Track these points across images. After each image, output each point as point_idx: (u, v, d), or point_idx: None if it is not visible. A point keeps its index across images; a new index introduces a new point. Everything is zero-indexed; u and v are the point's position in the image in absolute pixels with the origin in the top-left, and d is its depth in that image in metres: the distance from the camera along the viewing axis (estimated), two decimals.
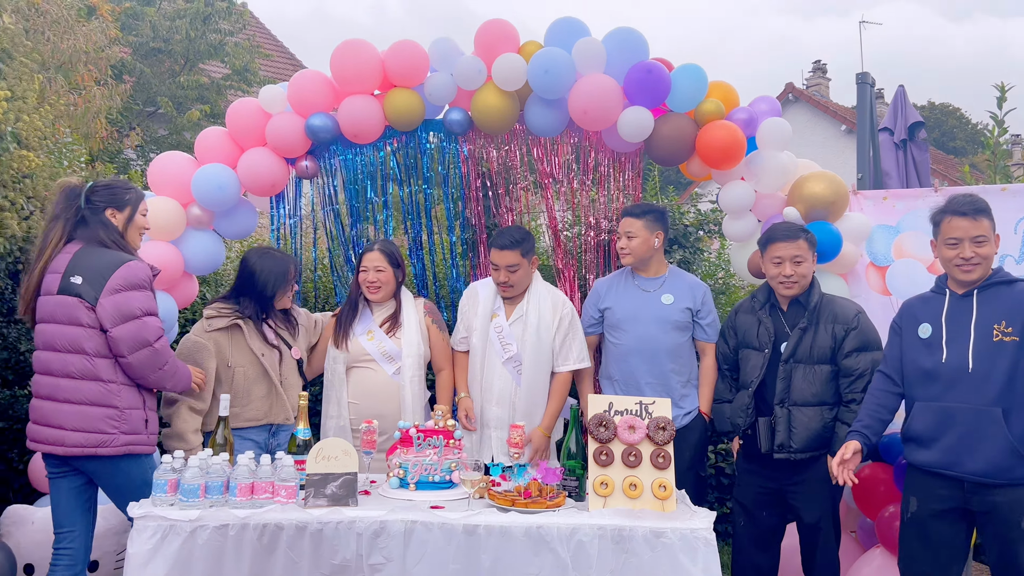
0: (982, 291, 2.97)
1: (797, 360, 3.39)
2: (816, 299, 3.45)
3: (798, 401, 3.36)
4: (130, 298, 2.99)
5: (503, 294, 3.72)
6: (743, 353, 3.54)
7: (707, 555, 2.68)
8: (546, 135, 4.19)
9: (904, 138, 5.33)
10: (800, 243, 3.40)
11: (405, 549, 2.69)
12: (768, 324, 3.48)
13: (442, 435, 3.11)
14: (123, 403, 3.02)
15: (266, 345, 3.54)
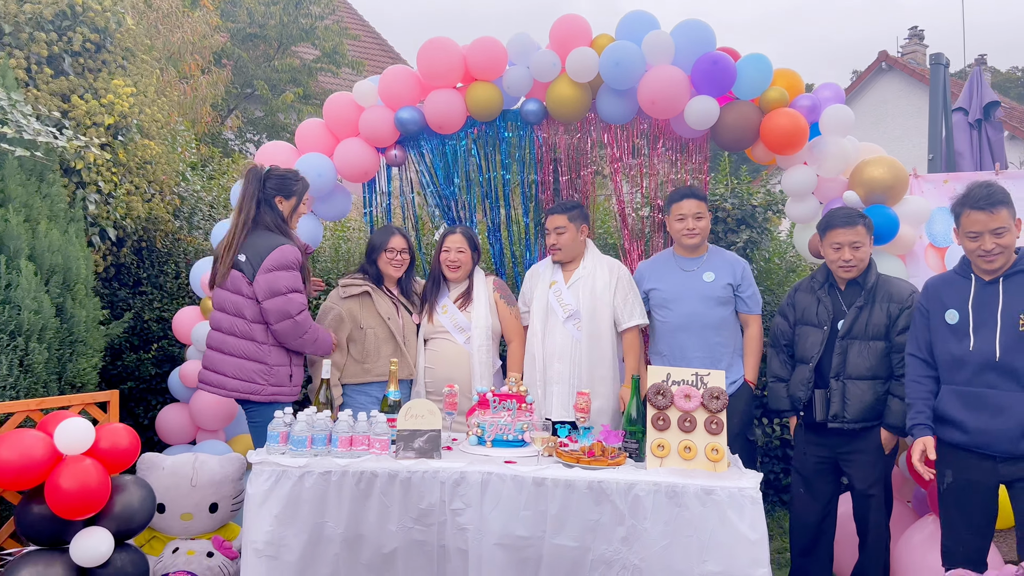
0: (1008, 278, 3.08)
1: (853, 336, 3.59)
2: (873, 279, 3.62)
3: (852, 375, 3.57)
4: (279, 277, 3.54)
5: (552, 257, 4.09)
6: (802, 330, 3.75)
7: (753, 512, 2.95)
8: (616, 123, 4.46)
9: (979, 118, 5.36)
10: (858, 229, 3.56)
11: (482, 496, 3.06)
12: (827, 303, 3.68)
13: (515, 399, 3.47)
14: (272, 360, 3.61)
15: (392, 309, 4.01)
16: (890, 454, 3.65)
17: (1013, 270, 3.10)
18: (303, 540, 3.07)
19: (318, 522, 3.08)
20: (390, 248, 4.04)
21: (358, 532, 3.08)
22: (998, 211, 3.03)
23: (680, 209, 3.98)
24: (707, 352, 3.93)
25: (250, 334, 3.61)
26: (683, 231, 3.98)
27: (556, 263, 4.13)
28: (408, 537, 3.07)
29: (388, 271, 4.07)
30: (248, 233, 3.63)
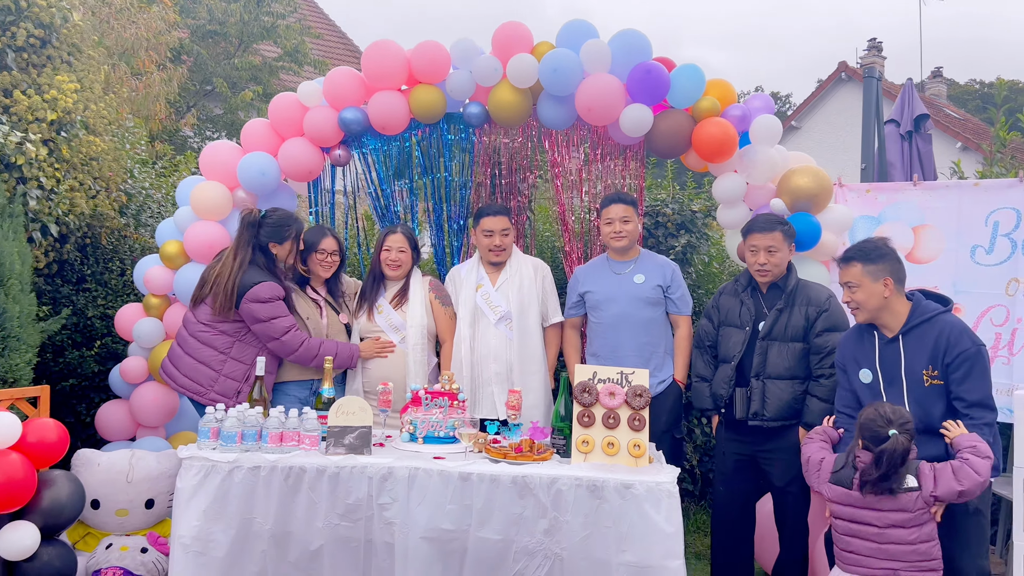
0: (906, 335, 3.22)
1: (773, 338, 3.73)
2: (793, 283, 3.78)
3: (772, 375, 3.71)
4: (254, 309, 3.85)
5: (495, 259, 4.20)
6: (725, 331, 3.89)
7: (670, 505, 3.08)
8: (556, 128, 4.56)
9: (910, 130, 5.56)
10: (775, 235, 3.72)
11: (409, 491, 3.14)
12: (749, 305, 3.83)
13: (447, 397, 3.55)
14: (225, 371, 3.89)
15: (311, 310, 4.07)
16: None
17: (910, 325, 3.20)
18: (231, 536, 3.12)
19: (246, 518, 3.14)
20: (322, 249, 4.10)
21: (286, 529, 3.14)
22: (849, 267, 3.24)
23: (609, 214, 4.11)
24: (638, 352, 4.05)
25: (212, 343, 3.90)
26: (611, 234, 4.11)
27: (481, 266, 4.25)
28: (334, 534, 3.14)
29: (318, 271, 4.13)
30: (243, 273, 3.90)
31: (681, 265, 5.34)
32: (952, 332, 3.11)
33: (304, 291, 4.13)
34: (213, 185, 4.37)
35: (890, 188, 4.35)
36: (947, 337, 3.10)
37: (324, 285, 4.21)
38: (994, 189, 3.99)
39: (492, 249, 4.19)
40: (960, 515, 3.15)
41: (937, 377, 3.12)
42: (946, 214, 4.08)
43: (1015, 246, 3.92)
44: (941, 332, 3.13)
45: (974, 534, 3.17)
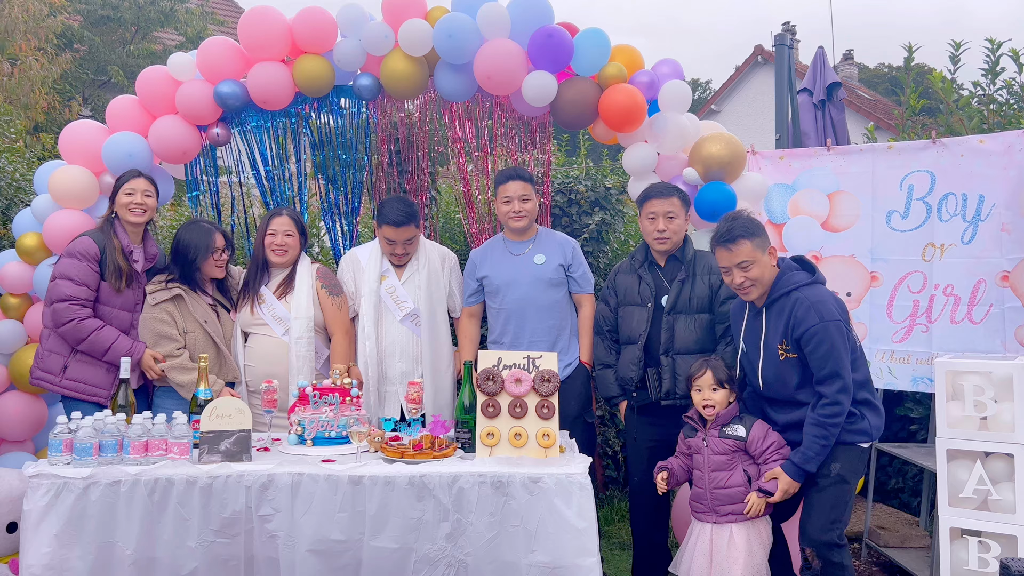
0: (770, 307, 3.16)
1: (678, 311, 3.54)
2: (691, 253, 3.63)
3: (681, 350, 3.52)
4: (58, 263, 3.64)
5: (398, 263, 3.88)
6: (626, 311, 3.66)
7: (581, 498, 2.83)
8: (456, 100, 4.26)
9: (823, 99, 5.45)
10: (673, 200, 3.55)
11: (293, 500, 2.81)
12: (648, 280, 3.62)
13: (338, 393, 3.23)
14: (47, 345, 3.66)
15: (209, 312, 3.69)
16: None
17: (773, 297, 3.16)
18: (89, 563, 2.75)
19: (106, 541, 2.77)
20: (215, 248, 3.72)
21: (152, 553, 2.77)
22: (738, 246, 3.09)
23: (506, 191, 3.84)
24: (543, 336, 3.80)
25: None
26: (509, 213, 3.84)
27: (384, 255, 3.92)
28: (210, 553, 2.79)
29: (213, 273, 3.75)
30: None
31: (596, 244, 5.12)
32: (800, 308, 3.05)
33: (197, 293, 3.72)
34: (75, 169, 3.93)
35: (804, 154, 4.20)
36: (796, 314, 3.05)
37: (211, 282, 3.82)
38: (908, 152, 3.87)
39: (393, 255, 3.87)
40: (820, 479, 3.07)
41: (791, 351, 3.08)
42: (860, 179, 3.95)
43: (930, 210, 3.81)
44: (794, 307, 3.07)
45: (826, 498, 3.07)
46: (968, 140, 3.78)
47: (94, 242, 3.59)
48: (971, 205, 3.72)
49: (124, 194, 3.68)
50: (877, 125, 17.69)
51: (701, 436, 3.26)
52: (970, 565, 3.12)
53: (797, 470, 3.06)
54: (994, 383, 3.11)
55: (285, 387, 3.51)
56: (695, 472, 3.28)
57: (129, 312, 3.67)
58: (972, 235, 3.72)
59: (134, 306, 3.68)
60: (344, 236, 4.45)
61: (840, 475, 3.07)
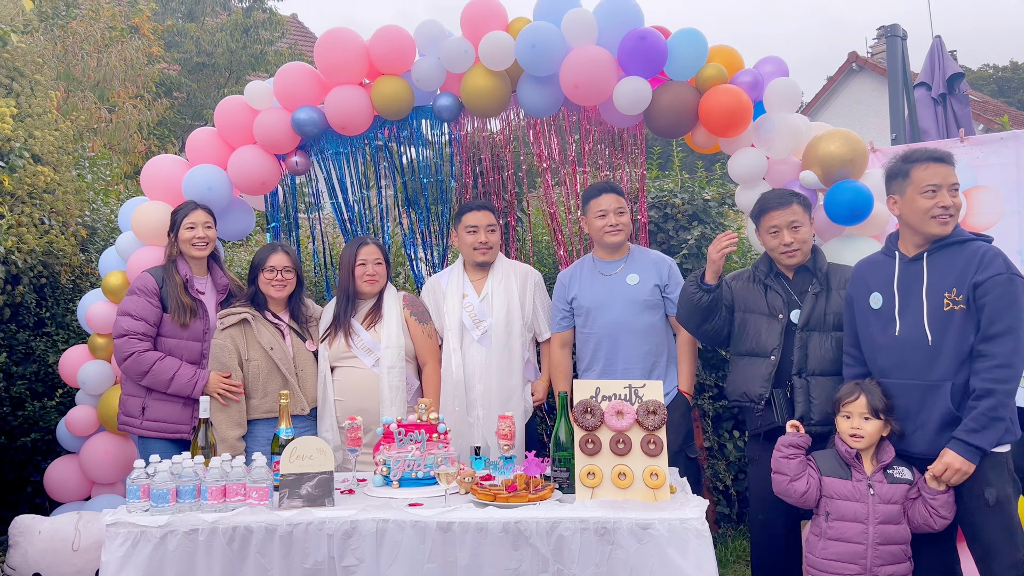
0: (932, 254, 2.80)
1: (811, 328, 3.17)
2: (823, 264, 3.27)
3: (816, 371, 3.13)
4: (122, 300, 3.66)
5: (480, 258, 3.73)
6: (750, 318, 3.30)
7: (699, 548, 2.49)
8: (540, 115, 4.02)
9: (943, 92, 4.97)
10: (794, 207, 3.21)
11: (378, 549, 2.58)
12: (779, 289, 3.27)
13: (424, 429, 2.99)
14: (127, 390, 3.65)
15: (275, 339, 3.55)
16: None
17: (939, 243, 2.81)
18: None
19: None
20: (270, 267, 3.58)
21: None
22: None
23: (600, 205, 3.56)
24: (637, 363, 3.50)
25: None
26: (605, 228, 3.55)
27: (464, 273, 3.76)
28: None
29: (269, 292, 3.61)
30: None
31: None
32: (985, 254, 2.73)
33: (264, 315, 3.60)
34: (156, 205, 3.87)
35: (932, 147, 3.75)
36: (980, 259, 2.72)
37: (287, 309, 3.68)
38: None
39: (477, 247, 3.69)
40: (978, 513, 2.71)
41: (960, 302, 2.73)
42: (1002, 171, 3.49)
43: None
44: (975, 253, 2.74)
45: (998, 529, 2.68)
46: None
47: (153, 277, 3.59)
48: None
49: (185, 228, 3.62)
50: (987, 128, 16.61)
51: (861, 479, 2.83)
52: None
53: (967, 447, 2.64)
54: None
55: (376, 420, 3.30)
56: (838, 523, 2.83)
57: (199, 342, 3.60)
58: None
59: (203, 335, 3.60)
60: (428, 264, 4.25)
61: (999, 500, 2.67)
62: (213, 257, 3.76)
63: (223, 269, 3.80)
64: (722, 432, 4.83)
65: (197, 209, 3.65)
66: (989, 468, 2.68)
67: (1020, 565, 2.67)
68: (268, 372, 3.51)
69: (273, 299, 3.62)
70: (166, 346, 3.55)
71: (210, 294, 3.71)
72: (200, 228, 3.62)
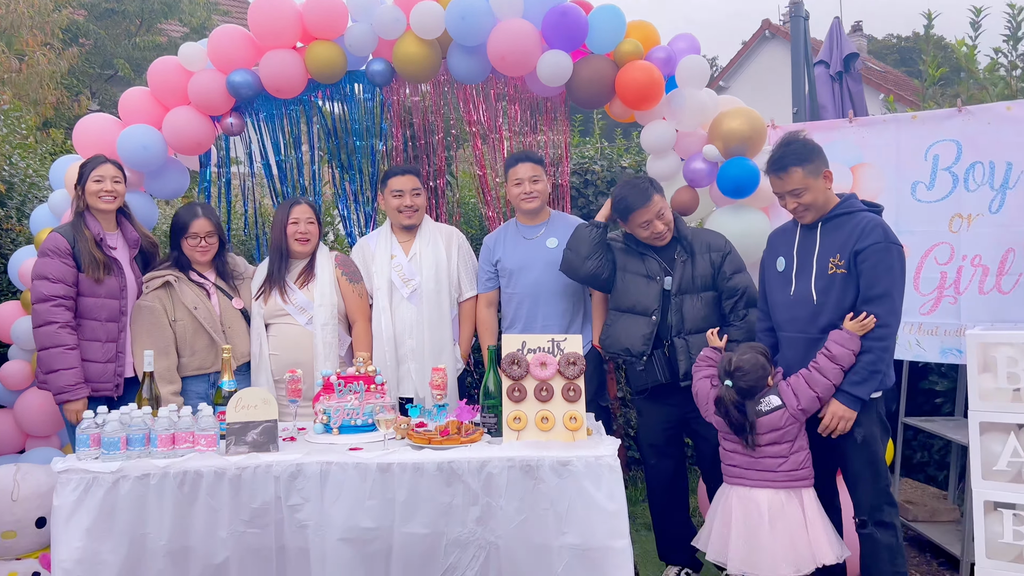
0: (826, 223, 3.12)
1: (683, 292, 3.52)
2: (687, 232, 3.61)
3: (692, 330, 3.49)
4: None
5: (406, 221, 3.89)
6: (631, 278, 3.61)
7: (611, 481, 2.80)
8: (469, 82, 4.21)
9: (840, 70, 5.37)
10: (655, 199, 3.50)
11: (322, 489, 2.80)
12: (652, 257, 3.60)
13: (362, 380, 3.21)
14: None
15: (200, 299, 3.66)
16: None
17: (831, 214, 3.13)
18: (121, 556, 2.74)
19: (138, 534, 2.76)
20: (192, 233, 3.68)
21: (184, 543, 2.77)
22: (788, 174, 3.09)
23: (516, 174, 3.82)
24: (555, 321, 3.80)
25: None
26: (521, 195, 3.82)
27: (392, 234, 3.94)
28: (241, 543, 2.78)
29: (194, 256, 3.72)
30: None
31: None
32: (867, 224, 3.02)
33: (188, 276, 3.71)
34: None
35: (825, 127, 4.13)
36: (861, 229, 3.02)
37: (212, 268, 3.79)
38: (932, 121, 3.80)
39: (403, 211, 3.86)
40: (850, 448, 3.09)
41: (843, 266, 3.04)
42: (884, 151, 3.88)
43: (956, 180, 3.74)
44: (858, 223, 3.04)
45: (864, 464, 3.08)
46: (995, 107, 3.71)
47: (63, 236, 3.51)
48: (999, 173, 3.65)
49: (93, 181, 3.56)
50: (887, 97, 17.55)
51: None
52: (1005, 538, 3.07)
53: (850, 397, 3.02)
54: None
55: (310, 376, 3.50)
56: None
57: (116, 299, 3.59)
58: (1000, 204, 3.66)
59: (120, 292, 3.60)
60: (359, 224, 4.42)
61: (866, 439, 3.07)
62: (122, 212, 3.73)
63: (133, 223, 3.77)
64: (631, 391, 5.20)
65: (106, 163, 3.60)
66: (860, 412, 3.07)
67: (881, 493, 3.10)
68: (194, 331, 3.62)
69: (198, 262, 3.73)
70: (84, 305, 3.53)
71: (122, 249, 3.71)
72: (108, 182, 3.57)
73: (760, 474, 3.13)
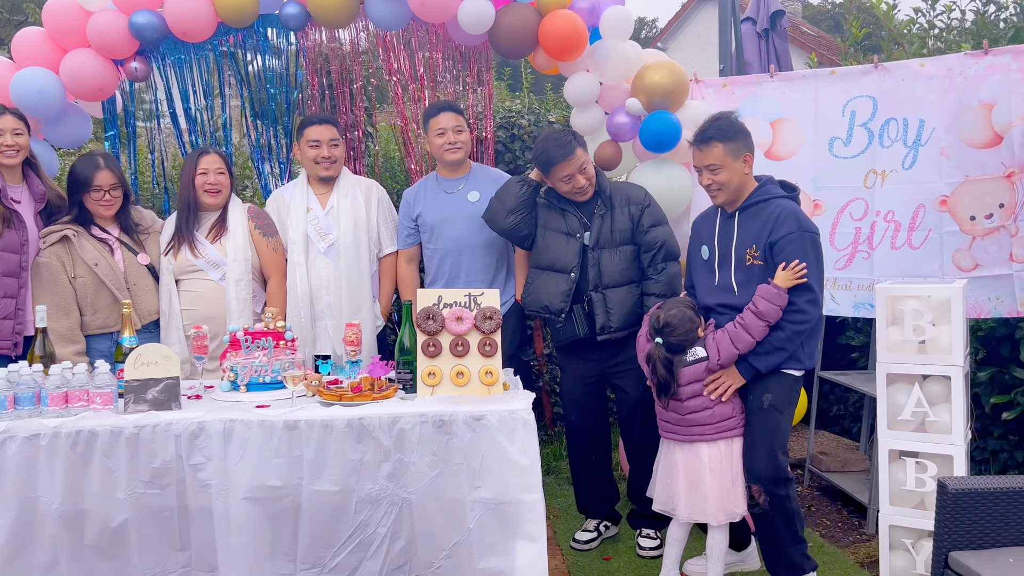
0: (743, 211, 3.11)
1: (601, 246, 3.50)
2: (606, 187, 3.57)
3: (609, 283, 3.48)
4: None
5: (324, 173, 3.76)
6: (551, 236, 3.56)
7: (524, 435, 2.78)
8: (389, 29, 4.07)
9: (766, 27, 5.37)
10: (578, 152, 3.45)
11: (226, 447, 2.71)
12: (573, 213, 3.56)
13: (271, 336, 3.11)
14: None
15: (102, 254, 3.48)
16: None
17: (748, 202, 3.12)
18: (10, 520, 2.61)
19: (28, 497, 2.63)
20: (96, 187, 3.48)
21: (79, 506, 2.65)
22: (710, 147, 3.06)
23: (439, 123, 3.71)
24: (478, 276, 3.74)
25: None
26: (444, 146, 3.72)
27: (309, 187, 3.80)
28: (140, 504, 2.68)
29: (97, 211, 3.54)
30: None
31: None
32: (780, 214, 3.02)
33: (89, 231, 3.52)
34: None
35: (747, 81, 4.12)
36: (774, 219, 3.02)
37: (115, 223, 3.61)
38: (850, 77, 3.82)
39: (319, 162, 3.72)
40: (753, 413, 3.12)
41: (759, 258, 3.06)
42: (803, 106, 3.89)
43: (872, 136, 3.78)
44: (771, 213, 3.04)
45: (762, 431, 3.10)
46: (910, 64, 3.74)
47: None
48: (912, 130, 3.69)
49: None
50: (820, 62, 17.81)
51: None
52: (908, 485, 3.18)
53: (746, 365, 3.08)
54: (932, 307, 3.13)
55: (224, 331, 3.38)
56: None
57: (16, 254, 3.38)
58: (913, 160, 3.71)
59: (21, 247, 3.39)
60: (276, 177, 4.26)
61: (773, 405, 3.07)
62: (29, 164, 3.53)
63: (41, 177, 3.58)
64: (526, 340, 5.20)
65: (5, 114, 3.39)
66: (772, 381, 3.08)
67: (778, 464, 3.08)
68: (95, 289, 3.46)
69: (101, 216, 3.55)
70: None
71: (27, 203, 3.50)
72: (8, 135, 3.36)
73: (689, 429, 3.17)
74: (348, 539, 2.79)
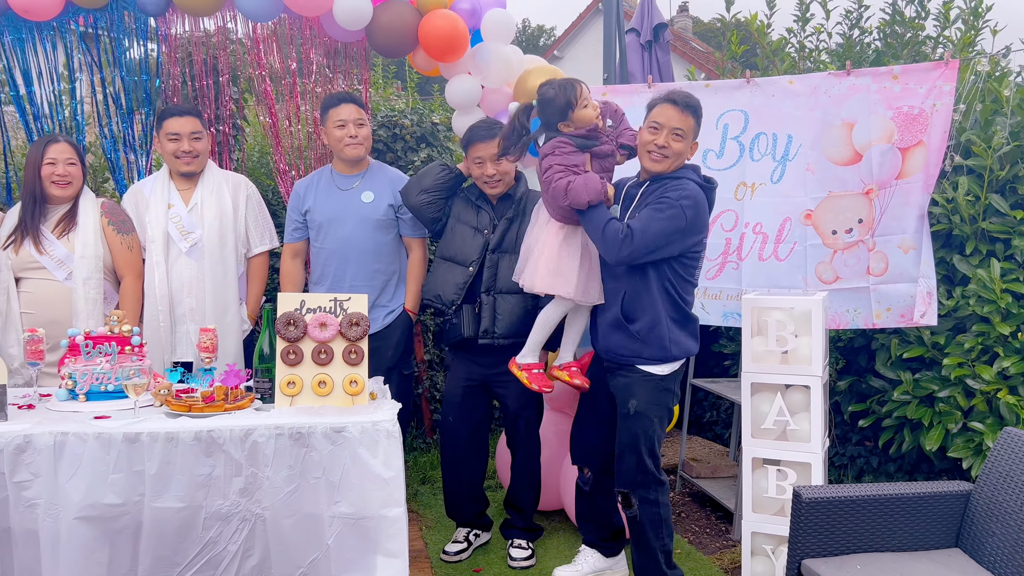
0: (653, 182, 3.09)
1: (503, 250, 3.44)
2: (522, 192, 3.52)
3: (503, 289, 3.42)
4: None
5: (185, 168, 3.54)
6: (461, 228, 3.49)
7: (388, 447, 2.67)
8: (258, 20, 3.88)
9: (649, 39, 5.45)
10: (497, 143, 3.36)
11: (56, 463, 2.48)
12: (486, 211, 3.50)
13: (116, 341, 2.88)
14: None
15: None
16: None
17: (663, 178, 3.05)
18: None
19: None
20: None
21: None
22: (687, 115, 2.99)
23: (339, 115, 3.53)
24: (365, 281, 3.57)
25: None
26: (345, 139, 3.53)
27: (171, 181, 3.57)
28: None
29: None
30: None
31: None
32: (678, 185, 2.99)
33: None
34: None
35: (626, 91, 4.15)
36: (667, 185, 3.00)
37: None
38: (724, 91, 3.90)
39: (180, 156, 3.49)
40: (621, 419, 3.10)
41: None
42: None
43: (743, 149, 3.87)
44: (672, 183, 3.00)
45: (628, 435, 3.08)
46: (778, 81, 3.85)
47: None
48: (780, 145, 3.80)
49: None
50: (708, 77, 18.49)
51: None
52: (769, 493, 3.25)
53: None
54: (795, 318, 3.21)
55: (60, 336, 3.10)
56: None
57: None
58: (780, 175, 3.82)
59: None
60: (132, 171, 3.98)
61: (639, 411, 3.06)
62: None
63: None
64: (443, 346, 5.11)
65: None
66: (638, 384, 3.06)
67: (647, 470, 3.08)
68: None
69: None
70: None
71: None
72: None
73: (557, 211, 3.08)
74: (195, 557, 2.63)
